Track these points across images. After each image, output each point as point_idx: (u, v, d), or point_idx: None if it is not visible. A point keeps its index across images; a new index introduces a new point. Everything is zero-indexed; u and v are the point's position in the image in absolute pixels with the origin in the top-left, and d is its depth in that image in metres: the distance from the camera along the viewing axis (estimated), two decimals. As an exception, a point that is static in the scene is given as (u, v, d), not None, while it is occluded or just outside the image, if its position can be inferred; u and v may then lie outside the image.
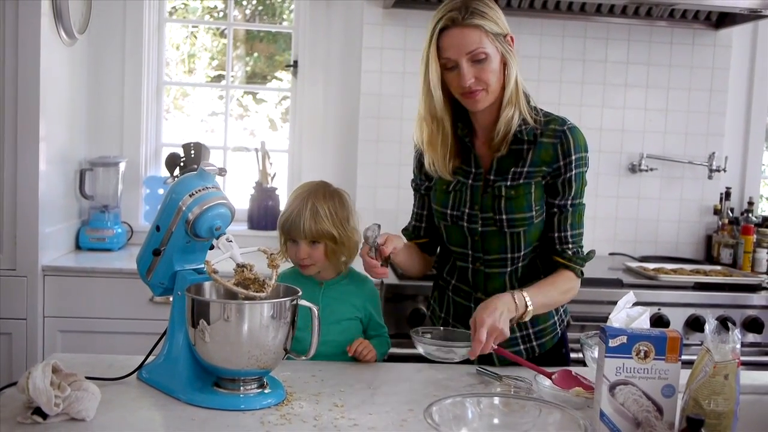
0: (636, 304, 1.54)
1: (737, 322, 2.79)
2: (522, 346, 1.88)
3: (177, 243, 1.54)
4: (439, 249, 2.03)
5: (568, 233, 1.85)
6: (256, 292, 1.47)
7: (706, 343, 1.35)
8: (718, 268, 3.16)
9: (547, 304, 1.82)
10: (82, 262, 2.83)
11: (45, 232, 2.70)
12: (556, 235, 1.85)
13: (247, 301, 1.45)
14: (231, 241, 1.52)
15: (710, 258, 3.42)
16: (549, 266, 1.88)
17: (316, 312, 1.51)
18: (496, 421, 1.39)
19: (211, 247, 1.59)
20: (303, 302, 1.51)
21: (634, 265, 3.09)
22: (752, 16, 3.06)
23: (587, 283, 2.70)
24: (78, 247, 3.05)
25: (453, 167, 1.87)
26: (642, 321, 1.48)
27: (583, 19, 3.30)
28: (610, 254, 3.40)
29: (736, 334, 1.33)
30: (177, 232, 1.53)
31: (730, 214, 3.40)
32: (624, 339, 1.36)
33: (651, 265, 3.09)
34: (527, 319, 1.74)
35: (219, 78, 3.69)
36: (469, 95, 1.76)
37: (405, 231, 2.05)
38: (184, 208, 1.50)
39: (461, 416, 1.37)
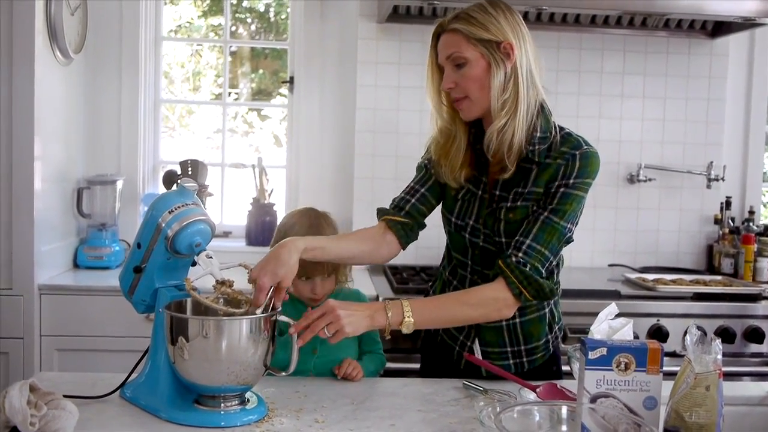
0: (619, 315, 1.52)
1: (738, 332, 2.76)
2: (511, 361, 1.85)
3: (158, 260, 1.54)
4: (446, 250, 1.96)
5: (526, 241, 1.67)
6: (235, 308, 1.47)
7: (687, 354, 1.33)
8: (719, 278, 3.12)
9: (442, 318, 1.67)
10: (79, 281, 2.84)
11: (41, 250, 2.71)
12: (513, 239, 1.71)
13: (225, 318, 1.45)
14: (211, 257, 1.52)
15: (711, 268, 3.39)
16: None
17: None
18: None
19: (194, 264, 1.59)
20: (282, 317, 1.50)
21: (633, 276, 3.06)
22: (747, 24, 3.05)
23: (585, 295, 2.74)
24: (76, 265, 3.06)
25: (465, 176, 1.79)
26: (624, 333, 1.46)
27: (577, 31, 3.29)
28: (610, 265, 3.38)
29: (717, 344, 1.31)
30: (157, 249, 1.53)
31: (731, 224, 3.38)
32: (604, 351, 1.35)
33: (650, 276, 3.06)
34: (407, 331, 1.60)
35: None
36: (455, 103, 1.74)
37: (391, 204, 1.88)
38: (163, 225, 1.50)
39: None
